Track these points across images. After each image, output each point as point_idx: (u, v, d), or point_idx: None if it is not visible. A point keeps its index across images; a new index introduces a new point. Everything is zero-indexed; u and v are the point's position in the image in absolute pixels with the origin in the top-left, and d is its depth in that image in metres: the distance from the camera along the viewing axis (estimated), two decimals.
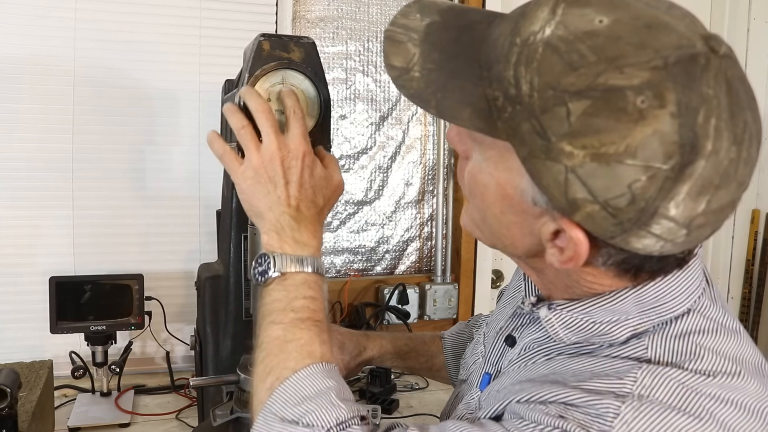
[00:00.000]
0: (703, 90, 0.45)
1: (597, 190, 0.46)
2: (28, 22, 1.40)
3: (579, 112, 0.45)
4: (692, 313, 0.55)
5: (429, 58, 0.54)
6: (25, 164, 1.43)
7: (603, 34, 0.46)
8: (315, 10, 1.65)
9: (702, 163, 0.45)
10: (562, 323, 0.57)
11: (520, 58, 0.48)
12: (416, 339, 1.02)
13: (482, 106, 0.50)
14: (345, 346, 0.94)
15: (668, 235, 0.48)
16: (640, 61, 0.45)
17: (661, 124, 0.44)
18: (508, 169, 0.52)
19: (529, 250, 0.56)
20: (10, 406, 0.86)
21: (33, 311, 1.41)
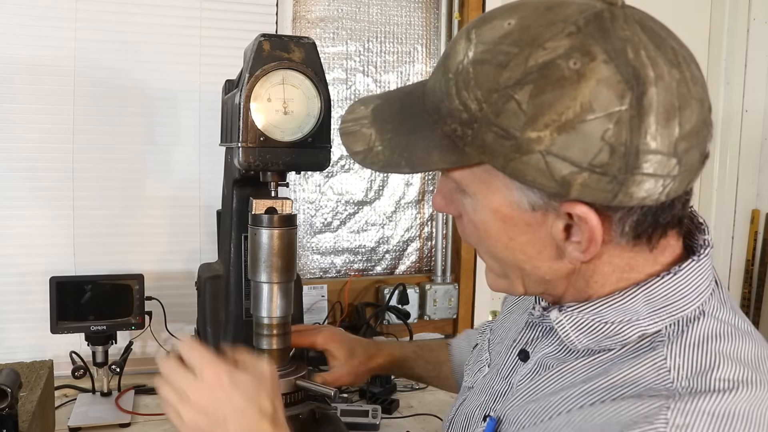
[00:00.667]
0: (620, 33, 0.48)
1: (577, 157, 0.48)
2: (28, 22, 1.40)
3: (526, 98, 0.48)
4: (706, 317, 0.56)
5: (384, 130, 0.58)
6: (25, 164, 1.43)
7: (515, 30, 0.50)
8: (315, 10, 1.65)
9: (654, 90, 0.47)
10: (573, 325, 0.58)
11: (459, 86, 0.52)
12: (423, 347, 1.03)
13: (446, 143, 0.54)
14: (355, 352, 0.96)
15: (662, 169, 0.48)
16: (556, 33, 0.48)
17: (600, 72, 0.47)
18: (495, 191, 0.54)
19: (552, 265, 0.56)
20: (11, 406, 0.86)
21: (33, 311, 1.41)
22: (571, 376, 0.58)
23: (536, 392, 0.61)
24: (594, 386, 0.55)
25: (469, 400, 0.74)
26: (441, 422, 1.29)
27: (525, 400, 0.62)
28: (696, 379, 0.51)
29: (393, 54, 1.74)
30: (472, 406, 0.72)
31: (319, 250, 1.74)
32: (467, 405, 0.74)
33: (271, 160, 0.88)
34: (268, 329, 0.88)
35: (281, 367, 0.89)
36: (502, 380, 0.69)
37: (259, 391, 0.65)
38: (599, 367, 0.57)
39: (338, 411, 1.22)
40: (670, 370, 0.52)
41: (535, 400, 0.61)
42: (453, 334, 1.85)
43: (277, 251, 0.87)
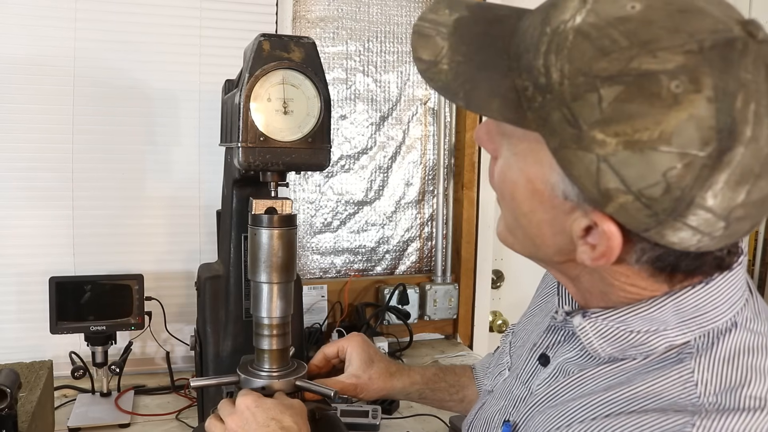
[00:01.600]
0: (741, 75, 0.43)
1: (630, 179, 0.44)
2: (28, 22, 1.39)
3: (611, 98, 0.44)
4: (738, 329, 0.53)
5: (457, 51, 0.53)
6: (25, 164, 1.43)
7: (635, 19, 0.44)
8: (315, 10, 1.65)
9: (741, 150, 0.43)
10: (597, 332, 0.56)
11: (551, 47, 0.47)
12: (446, 370, 0.99)
13: (511, 96, 0.49)
14: (372, 364, 0.93)
15: (705, 228, 0.45)
16: (674, 44, 0.43)
17: (697, 108, 0.42)
18: (538, 162, 0.51)
19: (561, 250, 0.54)
20: (10, 406, 0.86)
21: (33, 311, 1.40)
22: (592, 383, 0.57)
23: (555, 398, 0.60)
24: (616, 395, 0.53)
25: (489, 404, 0.73)
26: (441, 422, 1.29)
27: (544, 405, 0.61)
28: (724, 395, 0.49)
29: (393, 54, 1.73)
30: (491, 411, 0.71)
31: (319, 250, 1.74)
32: (486, 409, 0.73)
33: (271, 160, 0.88)
34: (268, 329, 0.88)
35: (281, 367, 0.89)
36: (521, 385, 0.67)
37: (283, 412, 0.76)
38: (622, 375, 0.55)
39: (338, 411, 1.22)
40: (697, 385, 0.50)
41: (554, 405, 0.59)
42: (453, 334, 1.85)
43: (276, 251, 0.87)
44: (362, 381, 0.91)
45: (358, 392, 0.91)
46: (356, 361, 0.92)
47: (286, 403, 0.79)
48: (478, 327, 1.85)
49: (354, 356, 0.93)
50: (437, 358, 1.69)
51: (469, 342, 1.85)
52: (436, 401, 0.98)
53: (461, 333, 1.84)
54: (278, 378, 0.87)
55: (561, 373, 0.61)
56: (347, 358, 0.94)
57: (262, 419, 0.75)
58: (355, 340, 0.95)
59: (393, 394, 0.94)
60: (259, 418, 0.75)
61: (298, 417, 0.77)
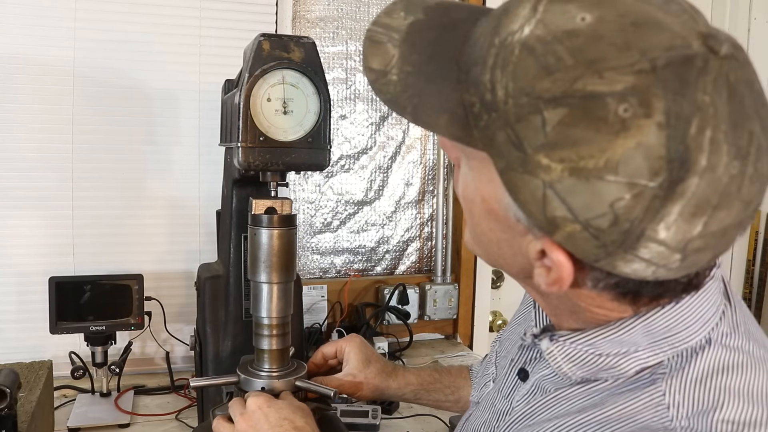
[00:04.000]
0: (698, 97, 0.39)
1: (577, 208, 0.42)
2: (28, 22, 1.39)
3: (555, 121, 0.41)
4: (713, 346, 0.50)
5: (408, 60, 0.50)
6: (25, 164, 1.43)
7: (584, 34, 0.41)
8: (315, 10, 1.65)
9: (695, 181, 0.40)
10: (565, 356, 0.54)
11: (497, 61, 0.44)
12: (442, 372, 1.00)
13: (459, 112, 0.47)
14: (370, 364, 0.94)
15: (659, 260, 0.43)
16: (623, 64, 0.40)
17: (646, 135, 0.39)
18: (490, 181, 0.48)
19: (522, 269, 0.52)
20: (10, 406, 0.86)
21: (33, 311, 1.40)
22: (566, 404, 0.55)
23: (532, 416, 0.59)
24: (587, 418, 0.52)
25: (474, 416, 0.73)
26: (441, 422, 1.29)
27: (522, 423, 0.60)
28: (697, 419, 0.46)
29: None
30: (477, 423, 0.71)
31: (319, 250, 1.74)
32: (472, 421, 0.73)
33: (270, 160, 0.88)
34: (268, 329, 0.88)
35: (280, 367, 0.89)
36: (503, 399, 0.67)
37: (295, 412, 0.77)
38: (595, 396, 0.53)
39: (338, 411, 1.22)
40: (669, 408, 0.48)
41: (530, 425, 0.58)
42: (453, 334, 1.85)
43: (276, 251, 0.87)
44: (358, 380, 0.92)
45: (354, 391, 0.92)
46: (353, 360, 0.93)
47: (296, 404, 0.79)
48: (478, 327, 1.85)
49: (352, 356, 0.94)
50: (437, 358, 1.69)
51: (469, 342, 1.85)
52: (432, 402, 0.99)
53: (461, 333, 1.84)
54: (278, 378, 0.87)
55: (539, 391, 0.60)
56: (345, 358, 0.95)
57: (274, 419, 0.75)
58: (354, 340, 0.96)
59: (389, 394, 0.95)
60: (271, 418, 0.75)
61: (309, 417, 0.77)
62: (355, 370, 0.93)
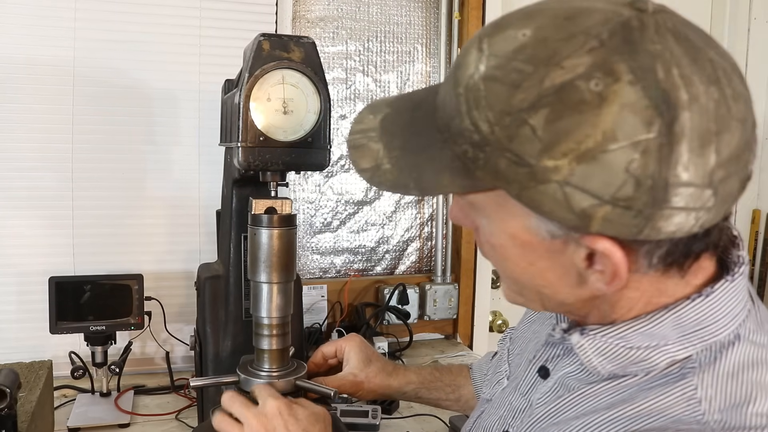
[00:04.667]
0: (650, 47, 0.43)
1: (598, 190, 0.43)
2: (28, 22, 1.39)
3: (542, 123, 0.43)
4: (742, 342, 0.51)
5: (392, 147, 0.54)
6: (25, 164, 1.43)
7: (530, 44, 0.45)
8: (315, 10, 1.65)
9: (687, 115, 0.42)
10: (596, 350, 0.54)
11: (469, 104, 0.47)
12: (442, 370, 1.00)
13: (457, 165, 0.49)
14: (370, 363, 0.94)
15: (695, 202, 0.44)
16: (575, 49, 0.43)
17: (625, 96, 0.42)
18: (511, 215, 0.50)
19: (573, 289, 0.52)
20: (10, 406, 0.86)
21: (33, 311, 1.40)
22: (594, 401, 0.56)
23: (557, 414, 0.59)
24: (618, 414, 0.52)
25: (487, 413, 0.73)
26: (441, 422, 1.29)
27: (546, 422, 0.60)
28: (729, 412, 0.48)
29: (393, 54, 1.73)
30: (490, 420, 0.71)
31: (319, 250, 1.74)
32: (485, 418, 0.73)
33: (270, 160, 0.88)
34: (268, 329, 0.88)
35: (280, 367, 0.89)
36: (521, 396, 0.67)
37: (314, 424, 0.74)
38: (624, 392, 0.54)
39: (338, 411, 1.22)
40: (701, 402, 0.49)
41: (555, 423, 0.58)
42: (453, 334, 1.85)
43: (276, 251, 0.87)
44: (359, 379, 0.92)
45: (355, 390, 0.92)
46: (354, 360, 0.93)
47: (315, 414, 0.77)
48: (478, 327, 1.85)
49: (352, 355, 0.94)
50: (437, 358, 1.69)
51: (468, 342, 1.85)
52: (432, 400, 0.99)
53: (461, 333, 1.84)
54: (278, 378, 0.87)
55: (562, 388, 0.60)
56: (345, 358, 0.95)
57: (294, 429, 0.72)
58: (354, 340, 0.96)
59: (389, 393, 0.95)
60: (291, 427, 0.73)
61: (328, 428, 0.77)
62: (356, 369, 0.93)
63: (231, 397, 0.78)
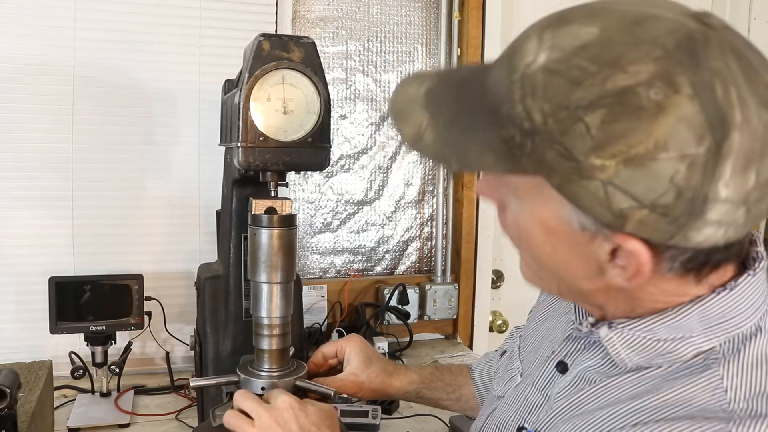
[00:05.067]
0: (712, 64, 0.44)
1: (640, 194, 0.45)
2: (28, 22, 1.39)
3: (597, 123, 0.44)
4: (764, 333, 0.53)
5: (438, 119, 0.55)
6: (25, 164, 1.43)
7: (595, 43, 0.45)
8: (315, 10, 1.65)
9: (737, 136, 0.43)
10: (624, 342, 0.56)
11: (525, 92, 0.47)
12: (443, 370, 1.01)
13: (502, 148, 0.50)
14: (371, 364, 0.94)
15: (727, 218, 0.45)
16: (640, 56, 0.44)
17: (682, 109, 0.43)
18: (545, 202, 0.51)
19: (591, 279, 0.54)
20: (10, 406, 0.86)
21: (32, 311, 1.40)
22: (617, 392, 0.57)
23: (579, 407, 0.59)
24: (643, 404, 0.53)
25: (500, 409, 0.73)
26: (441, 422, 1.29)
27: (567, 414, 0.60)
28: (755, 401, 0.49)
29: (393, 54, 1.73)
30: (503, 416, 0.71)
31: (319, 250, 1.74)
32: (498, 415, 0.73)
33: (270, 160, 0.88)
34: (268, 329, 0.88)
35: (280, 367, 0.89)
36: (537, 392, 0.67)
37: (323, 420, 0.76)
38: (648, 383, 0.55)
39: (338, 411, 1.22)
40: (727, 391, 0.50)
41: (578, 414, 0.59)
42: (453, 334, 1.85)
43: (276, 251, 0.87)
44: (360, 380, 0.92)
45: (356, 391, 0.92)
46: (355, 360, 0.93)
47: (325, 411, 0.79)
48: (478, 327, 1.85)
49: (353, 356, 0.94)
50: (437, 358, 1.69)
51: (468, 342, 1.85)
52: (433, 400, 0.99)
53: (461, 333, 1.84)
54: (278, 378, 0.87)
55: (583, 381, 0.61)
56: (346, 358, 0.95)
57: (303, 423, 0.74)
58: (354, 340, 0.96)
59: (391, 393, 0.95)
60: (301, 421, 0.74)
61: (335, 428, 0.78)
62: (357, 369, 0.93)
63: (243, 394, 0.80)
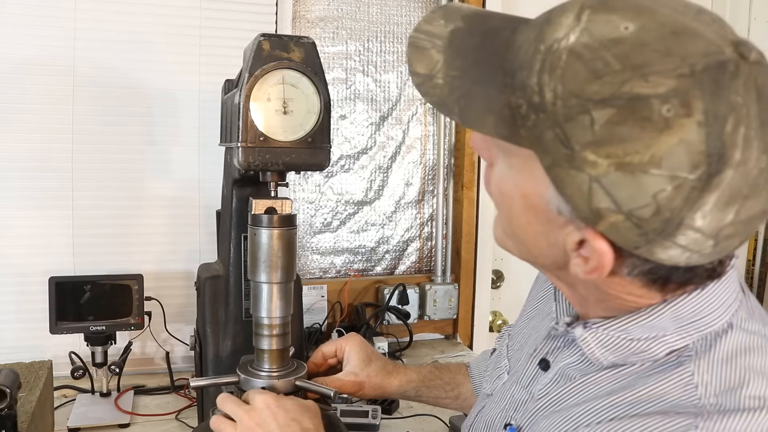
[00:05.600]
0: (732, 98, 0.43)
1: (621, 199, 0.45)
2: (28, 22, 1.39)
3: (603, 120, 0.44)
4: (734, 330, 0.54)
5: (453, 65, 0.53)
6: (25, 164, 1.43)
7: (628, 42, 0.45)
8: (315, 10, 1.65)
9: (730, 173, 0.44)
10: (599, 342, 0.57)
11: (544, 66, 0.47)
12: (441, 368, 1.01)
13: (506, 113, 0.50)
14: (371, 363, 0.94)
15: (695, 246, 0.46)
16: (666, 68, 0.44)
17: (688, 133, 0.43)
18: (532, 178, 0.51)
19: (556, 261, 0.55)
20: (10, 406, 0.86)
21: (33, 311, 1.40)
22: (594, 388, 0.58)
23: (559, 403, 0.61)
24: (618, 399, 0.54)
25: (489, 407, 0.74)
26: (441, 422, 1.29)
27: (548, 410, 0.61)
28: (724, 396, 0.50)
29: (393, 54, 1.73)
30: (492, 414, 0.72)
31: (319, 250, 1.74)
32: (486, 412, 0.73)
33: (270, 160, 0.88)
34: (268, 329, 0.88)
35: (280, 367, 0.89)
36: (522, 389, 0.68)
37: (302, 413, 0.76)
38: (624, 380, 0.56)
39: (338, 411, 1.22)
40: (698, 387, 0.51)
41: (558, 410, 0.60)
42: (453, 334, 1.85)
43: (276, 251, 0.87)
44: (360, 379, 0.92)
45: (355, 390, 0.92)
46: (354, 359, 0.94)
47: (304, 405, 0.79)
48: (478, 327, 1.85)
49: (352, 355, 0.94)
50: (437, 358, 1.69)
51: (469, 342, 1.85)
52: (432, 399, 1.00)
53: (461, 333, 1.84)
54: (278, 378, 0.87)
55: (563, 378, 0.62)
56: (345, 357, 0.95)
57: (282, 419, 0.74)
58: (354, 339, 0.96)
59: (390, 392, 0.95)
60: (279, 417, 0.74)
61: (316, 419, 0.77)
62: (357, 369, 0.93)
63: (224, 398, 0.81)
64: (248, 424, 0.75)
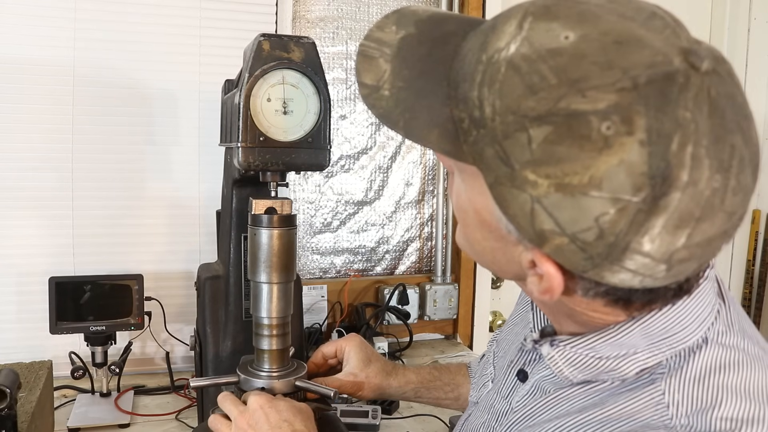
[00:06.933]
0: (679, 113, 0.40)
1: (564, 222, 0.43)
2: (28, 22, 1.39)
3: (540, 138, 0.42)
4: (709, 345, 0.51)
5: (399, 76, 0.51)
6: (25, 164, 1.43)
7: (567, 53, 0.42)
8: (315, 10, 1.65)
9: (677, 195, 0.40)
10: (566, 360, 0.55)
11: (484, 78, 0.45)
12: (441, 369, 1.01)
13: (449, 127, 0.48)
14: (370, 363, 0.94)
15: (645, 271, 0.44)
16: (606, 83, 0.40)
17: (629, 153, 0.40)
18: (481, 193, 0.48)
19: (517, 274, 0.52)
20: (10, 406, 0.86)
21: (33, 311, 1.40)
22: (566, 404, 0.56)
23: (533, 417, 0.60)
24: (588, 417, 0.53)
25: (474, 416, 0.74)
26: (441, 422, 1.29)
27: (522, 424, 0.61)
28: (696, 417, 0.48)
29: None
30: (476, 423, 0.71)
31: (319, 250, 1.74)
32: (471, 421, 0.73)
33: (270, 160, 0.88)
34: (268, 329, 0.88)
35: (280, 367, 0.89)
36: (502, 400, 0.67)
37: (295, 415, 0.76)
38: (595, 396, 0.54)
39: (338, 411, 1.22)
40: (669, 406, 0.49)
41: (531, 426, 0.59)
42: (453, 334, 1.85)
43: (276, 251, 0.87)
44: (359, 380, 0.92)
45: (355, 390, 0.92)
46: (354, 360, 0.94)
47: (297, 406, 0.79)
48: (478, 327, 1.85)
49: (352, 355, 0.94)
50: (437, 358, 1.69)
51: (469, 342, 1.85)
52: (432, 399, 1.00)
53: (461, 333, 1.84)
54: (278, 378, 0.87)
55: (539, 391, 0.61)
56: (345, 358, 0.95)
57: (274, 420, 0.75)
58: (354, 340, 0.96)
59: (389, 392, 0.95)
60: (271, 419, 0.75)
61: (308, 421, 0.78)
62: (356, 369, 0.93)
63: (223, 397, 0.81)
64: (241, 425, 0.76)
